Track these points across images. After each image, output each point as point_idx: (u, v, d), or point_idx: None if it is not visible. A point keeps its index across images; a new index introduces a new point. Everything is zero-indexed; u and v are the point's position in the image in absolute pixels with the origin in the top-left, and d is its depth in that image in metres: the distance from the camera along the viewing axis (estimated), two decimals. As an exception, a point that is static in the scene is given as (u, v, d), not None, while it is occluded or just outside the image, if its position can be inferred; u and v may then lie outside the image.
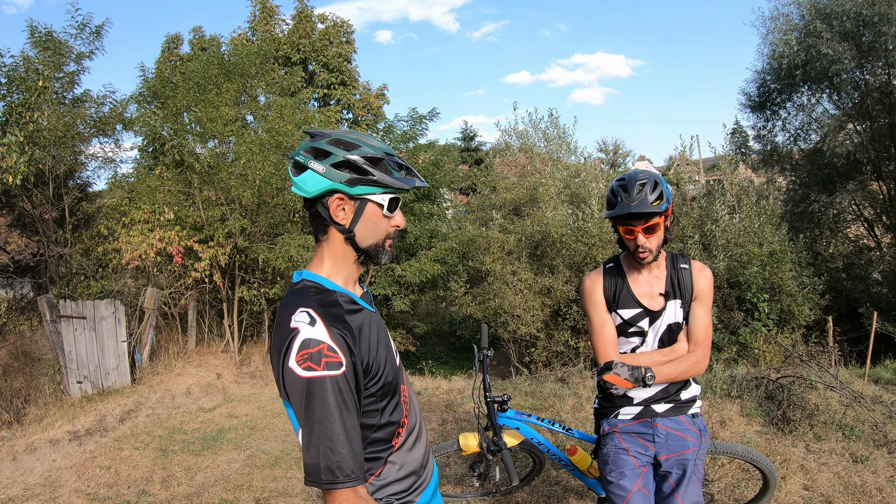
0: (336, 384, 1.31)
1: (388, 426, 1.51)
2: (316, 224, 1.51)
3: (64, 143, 9.62)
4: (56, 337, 7.98)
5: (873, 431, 4.54)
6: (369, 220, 1.47)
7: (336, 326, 1.36)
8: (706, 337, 2.29)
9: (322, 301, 1.42)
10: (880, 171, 12.20)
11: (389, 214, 1.50)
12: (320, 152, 1.45)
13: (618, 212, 2.17)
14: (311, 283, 1.47)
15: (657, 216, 2.18)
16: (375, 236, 1.50)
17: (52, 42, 9.28)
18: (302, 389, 1.31)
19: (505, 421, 2.85)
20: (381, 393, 1.48)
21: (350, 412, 1.34)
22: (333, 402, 1.31)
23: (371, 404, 1.46)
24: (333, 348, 1.33)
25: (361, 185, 1.43)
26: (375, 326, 1.51)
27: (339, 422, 1.31)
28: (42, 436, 6.42)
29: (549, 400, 5.56)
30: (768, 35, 12.32)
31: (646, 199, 2.14)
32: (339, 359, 1.33)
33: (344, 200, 1.45)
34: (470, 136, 33.86)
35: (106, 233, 9.78)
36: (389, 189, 1.47)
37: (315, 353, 1.31)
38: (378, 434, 1.49)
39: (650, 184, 2.18)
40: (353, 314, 1.44)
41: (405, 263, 11.92)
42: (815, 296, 10.42)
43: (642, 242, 2.19)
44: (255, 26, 19.91)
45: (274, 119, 10.33)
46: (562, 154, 14.89)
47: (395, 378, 1.54)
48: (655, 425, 2.30)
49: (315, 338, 1.33)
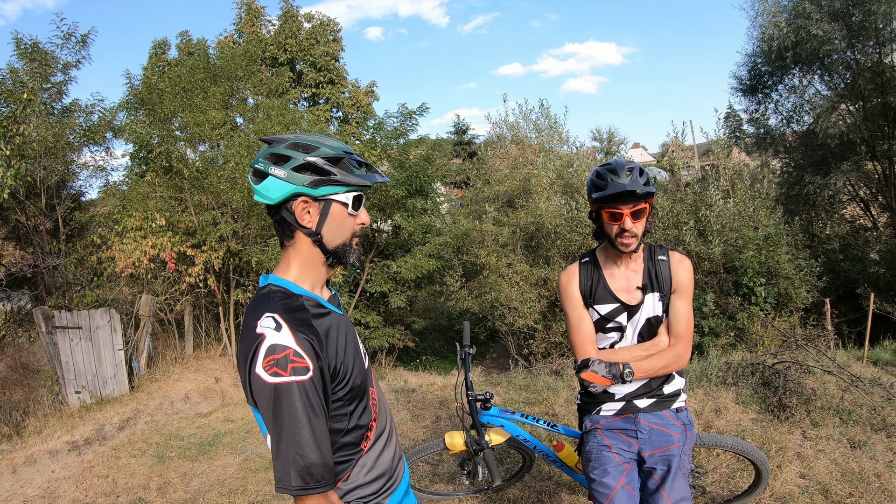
0: (303, 389, 1.31)
1: (356, 430, 1.50)
2: (281, 230, 1.49)
3: (54, 154, 9.60)
4: (52, 348, 7.97)
5: (871, 415, 4.49)
6: (335, 220, 1.47)
7: (302, 331, 1.36)
8: (687, 330, 2.24)
9: (288, 306, 1.41)
10: (874, 151, 12.14)
11: (354, 212, 1.49)
12: (280, 157, 1.43)
13: (611, 190, 2.10)
14: (277, 288, 1.46)
15: (645, 200, 2.14)
16: (342, 236, 1.49)
17: (39, 53, 9.23)
18: (269, 395, 1.30)
19: (489, 419, 2.83)
20: (350, 397, 1.47)
21: (318, 417, 1.33)
22: (301, 407, 1.30)
23: (339, 408, 1.45)
24: (300, 353, 1.32)
25: (324, 186, 1.43)
26: (343, 330, 1.50)
27: (308, 427, 1.31)
28: (41, 447, 6.41)
29: (543, 393, 5.53)
30: (757, 18, 12.28)
31: (637, 181, 2.10)
32: (305, 364, 1.32)
33: (308, 203, 1.44)
34: (462, 129, 33.82)
35: (99, 241, 9.76)
36: (352, 187, 1.46)
37: (282, 358, 1.30)
38: (346, 438, 1.49)
39: (637, 169, 2.14)
40: (319, 318, 1.44)
41: (400, 260, 11.90)
42: (812, 278, 10.38)
43: (629, 227, 2.12)
44: (241, 28, 19.82)
45: (262, 121, 10.28)
46: (554, 144, 14.87)
47: (364, 381, 1.54)
48: (638, 421, 2.26)
49: (281, 343, 1.32)
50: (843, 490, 3.49)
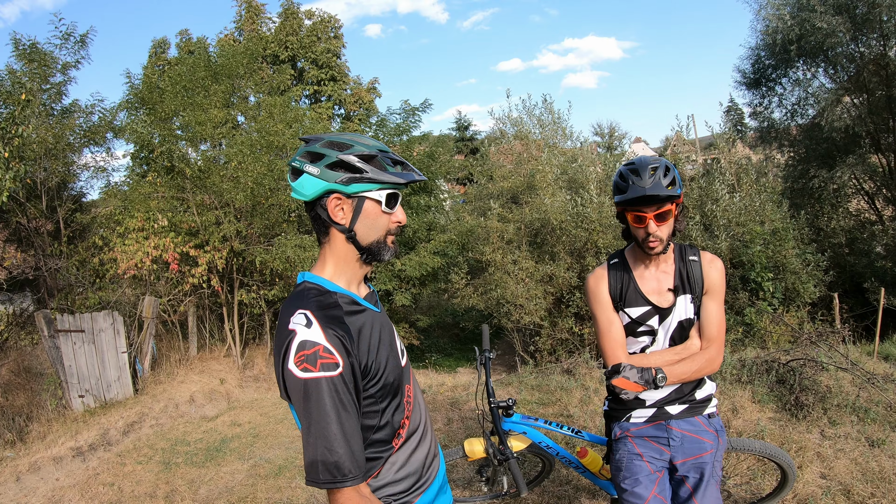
0: (332, 385, 1.33)
1: (387, 427, 1.51)
2: (318, 227, 1.52)
3: (55, 155, 9.52)
4: (55, 352, 7.88)
5: (888, 413, 4.44)
6: (368, 217, 1.48)
7: (333, 328, 1.37)
8: (719, 332, 2.16)
9: (321, 303, 1.42)
10: (879, 144, 12.06)
11: (388, 210, 1.50)
12: (315, 155, 1.47)
13: (630, 195, 2.02)
14: (312, 285, 1.49)
15: (670, 202, 2.05)
16: (376, 233, 1.50)
17: (37, 53, 9.15)
18: (300, 390, 1.33)
19: (511, 426, 2.75)
20: (382, 394, 1.48)
21: (348, 412, 1.35)
22: (330, 402, 1.32)
23: (371, 405, 1.47)
24: (329, 349, 1.34)
25: (356, 184, 1.44)
26: (378, 327, 1.51)
27: (336, 422, 1.33)
28: (45, 454, 6.34)
29: (557, 393, 5.46)
30: (761, 11, 12.16)
31: (660, 183, 2.01)
32: (335, 360, 1.34)
33: (341, 200, 1.46)
34: (464, 125, 33.70)
35: (101, 243, 9.68)
36: (385, 185, 1.47)
37: (311, 354, 1.33)
38: (378, 435, 1.49)
39: (662, 168, 2.04)
40: (353, 315, 1.45)
41: (405, 258, 11.83)
42: (819, 272, 10.32)
43: (653, 231, 2.05)
44: (241, 26, 19.70)
45: (264, 119, 10.20)
46: (558, 139, 14.75)
47: (398, 379, 1.55)
48: (670, 428, 2.18)
49: (311, 339, 1.34)
50: (865, 490, 3.44)
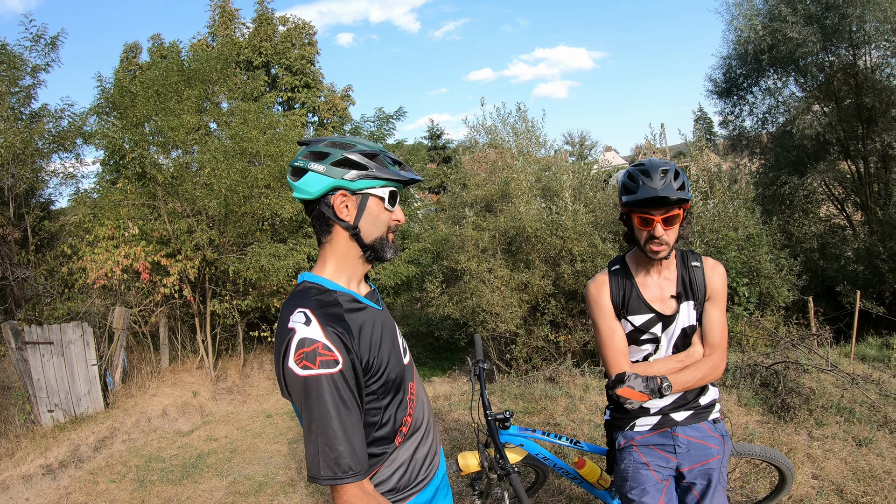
0: (332, 382, 1.34)
1: (390, 424, 1.52)
2: (319, 225, 1.52)
3: (23, 161, 9.19)
4: (23, 365, 7.56)
5: (872, 412, 4.50)
6: (372, 213, 1.50)
7: (332, 325, 1.38)
8: (722, 339, 2.12)
9: (320, 301, 1.44)
10: (848, 151, 12.34)
11: (390, 208, 1.53)
12: (319, 154, 1.49)
13: (641, 195, 1.96)
14: (312, 284, 1.51)
15: (679, 206, 2.00)
16: (379, 230, 1.52)
17: (6, 55, 8.88)
18: (300, 388, 1.34)
19: (508, 438, 2.68)
20: (383, 391, 1.49)
21: (349, 409, 1.36)
22: (330, 399, 1.33)
23: (372, 402, 1.47)
24: (329, 347, 1.35)
25: (362, 180, 1.47)
26: (380, 325, 1.53)
27: (336, 419, 1.33)
28: (14, 472, 6.05)
29: (541, 402, 5.40)
30: (733, 21, 12.39)
31: (671, 185, 1.95)
32: (334, 357, 1.35)
33: (347, 196, 1.48)
34: (437, 134, 33.75)
35: (70, 252, 9.36)
36: (388, 182, 1.50)
37: (311, 351, 1.34)
38: (380, 432, 1.50)
39: (672, 171, 1.99)
40: (353, 313, 1.46)
41: (379, 266, 11.67)
42: (792, 277, 10.47)
43: (660, 234, 1.99)
44: (214, 31, 19.37)
45: (238, 125, 9.98)
46: (531, 148, 14.75)
47: (400, 376, 1.55)
48: (676, 435, 2.13)
49: (310, 337, 1.35)
50: (857, 489, 3.47)
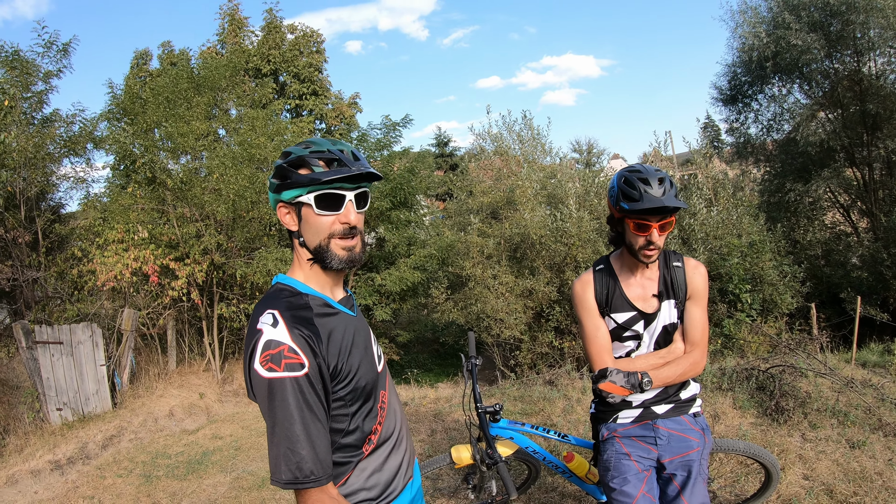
0: (297, 385, 1.32)
1: (357, 432, 1.49)
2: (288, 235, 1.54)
3: (34, 165, 9.37)
4: (33, 364, 7.71)
5: (867, 416, 4.53)
6: (307, 221, 1.47)
7: (299, 328, 1.36)
8: (703, 336, 2.20)
9: (291, 304, 1.42)
10: (853, 158, 12.36)
11: (323, 213, 1.45)
12: (274, 169, 1.50)
13: (647, 205, 2.01)
14: (285, 286, 1.50)
15: (674, 213, 2.09)
16: (318, 237, 1.47)
17: (20, 61, 9.05)
18: (265, 390, 1.32)
19: (498, 431, 2.76)
20: (352, 397, 1.46)
21: (313, 413, 1.34)
22: (294, 403, 1.31)
23: (339, 408, 1.45)
24: (294, 349, 1.33)
25: (286, 190, 1.45)
26: (352, 330, 1.50)
27: (300, 423, 1.32)
28: (23, 467, 6.19)
29: (539, 404, 5.48)
30: (738, 28, 12.46)
31: (671, 195, 2.03)
32: (300, 360, 1.33)
33: (286, 207, 1.48)
34: (444, 141, 33.86)
35: (80, 254, 9.53)
36: (315, 187, 1.43)
37: (276, 354, 1.32)
38: (347, 439, 1.47)
39: (668, 180, 2.07)
40: (324, 317, 1.45)
41: (385, 272, 11.78)
42: (796, 283, 10.48)
43: (655, 239, 2.07)
44: (224, 39, 19.65)
45: (246, 132, 10.15)
46: (537, 155, 14.85)
47: (371, 384, 1.52)
48: (657, 427, 2.21)
49: (276, 339, 1.33)
50: (848, 489, 3.50)
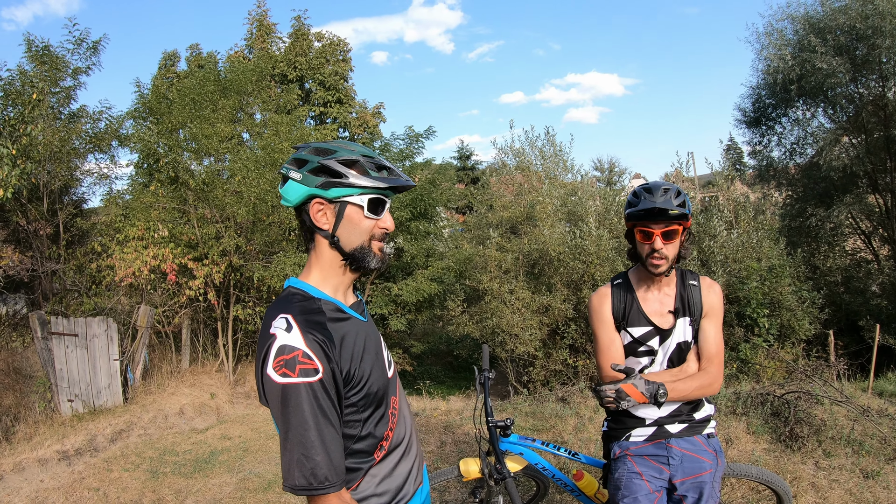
0: (311, 391, 1.31)
1: (369, 438, 1.48)
2: (304, 233, 1.52)
3: (59, 159, 9.55)
4: (47, 354, 7.82)
5: (882, 446, 4.45)
6: (350, 222, 1.46)
7: (313, 333, 1.36)
8: (718, 353, 2.20)
9: (304, 308, 1.42)
10: (876, 184, 12.20)
11: (372, 216, 1.48)
12: (300, 161, 1.47)
13: (641, 206, 2.09)
14: (296, 290, 1.49)
15: (677, 221, 2.11)
16: (359, 238, 1.48)
17: (49, 56, 9.23)
18: (278, 396, 1.31)
19: (508, 446, 2.75)
20: (364, 403, 1.46)
21: (327, 419, 1.33)
22: (308, 408, 1.31)
23: (352, 414, 1.44)
24: (309, 355, 1.32)
25: (336, 188, 1.44)
26: (363, 336, 1.50)
27: (315, 429, 1.31)
28: (31, 455, 6.25)
29: (551, 420, 5.44)
30: (763, 50, 12.37)
31: (670, 200, 2.08)
32: (315, 365, 1.32)
33: (323, 205, 1.46)
34: (466, 155, 33.93)
35: (100, 249, 9.67)
36: (367, 190, 1.45)
37: (290, 359, 1.31)
38: (359, 445, 1.47)
39: (674, 190, 2.12)
40: (337, 322, 1.44)
41: (402, 283, 11.81)
42: (814, 310, 10.34)
43: (659, 247, 2.10)
44: (251, 44, 19.95)
45: (270, 136, 10.28)
46: (558, 172, 14.82)
47: (383, 389, 1.52)
48: (670, 447, 2.19)
49: (290, 344, 1.32)
50: (860, 521, 3.43)
